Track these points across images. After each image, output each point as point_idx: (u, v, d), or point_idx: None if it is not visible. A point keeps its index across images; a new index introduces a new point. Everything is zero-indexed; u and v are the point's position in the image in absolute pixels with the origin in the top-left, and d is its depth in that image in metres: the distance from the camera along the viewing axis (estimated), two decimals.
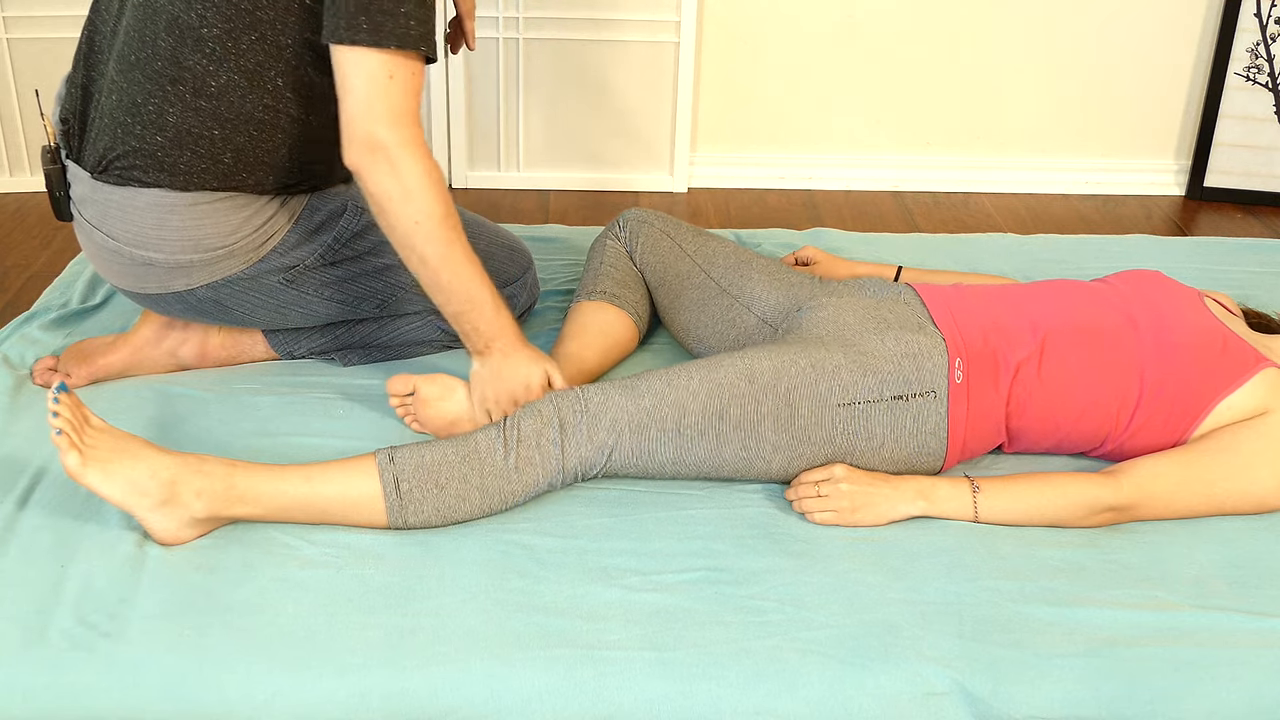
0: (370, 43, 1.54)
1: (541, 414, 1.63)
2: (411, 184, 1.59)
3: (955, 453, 1.70)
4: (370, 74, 1.56)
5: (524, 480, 1.61)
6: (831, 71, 3.15)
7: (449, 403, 1.78)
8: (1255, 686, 1.41)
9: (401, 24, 1.55)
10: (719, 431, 1.63)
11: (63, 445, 1.47)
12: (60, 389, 1.50)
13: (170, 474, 1.52)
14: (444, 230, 1.63)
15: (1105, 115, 3.23)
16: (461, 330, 1.72)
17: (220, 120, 1.68)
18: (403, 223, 1.62)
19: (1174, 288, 1.82)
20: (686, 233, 2.07)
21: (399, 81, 1.58)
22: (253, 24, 1.63)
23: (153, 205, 1.71)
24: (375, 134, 1.57)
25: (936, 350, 1.68)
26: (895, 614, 1.49)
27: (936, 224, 3.03)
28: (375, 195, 1.61)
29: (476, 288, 1.69)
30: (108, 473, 1.49)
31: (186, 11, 1.63)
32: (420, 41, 1.57)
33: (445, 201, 1.63)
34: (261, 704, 1.37)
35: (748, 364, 1.65)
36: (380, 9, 1.54)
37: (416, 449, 1.60)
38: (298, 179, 1.78)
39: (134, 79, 1.67)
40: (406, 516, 1.57)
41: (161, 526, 1.53)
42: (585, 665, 1.40)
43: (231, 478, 1.55)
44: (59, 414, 1.48)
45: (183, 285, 1.78)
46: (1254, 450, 1.66)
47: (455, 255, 1.66)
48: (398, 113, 1.58)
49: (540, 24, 3.00)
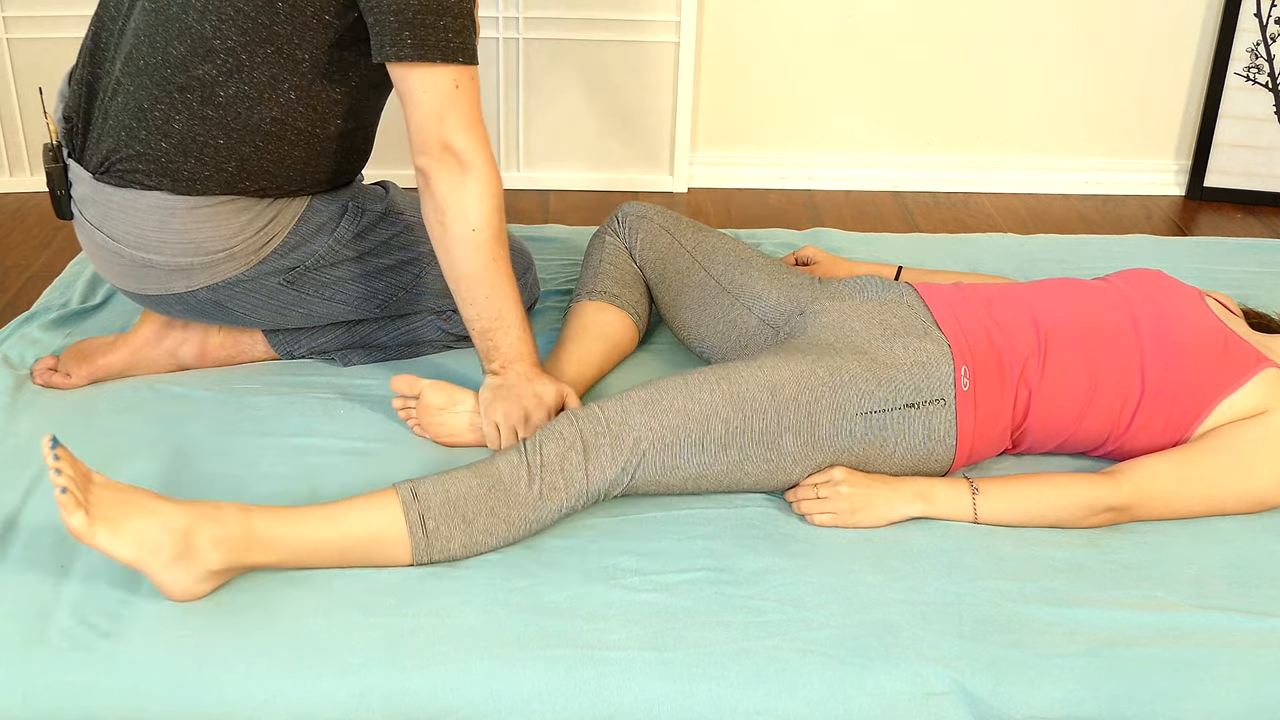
0: (416, 57, 1.57)
1: (564, 437, 1.59)
2: (478, 191, 1.63)
3: (962, 458, 1.69)
4: (436, 86, 1.59)
5: (549, 507, 1.57)
6: (831, 71, 3.15)
7: (452, 414, 1.78)
8: (1255, 686, 1.41)
9: (443, 36, 1.58)
10: (742, 445, 1.62)
11: (68, 505, 1.35)
12: (55, 444, 1.37)
13: (183, 525, 1.42)
14: (495, 245, 1.66)
15: (1105, 115, 3.23)
16: (483, 347, 1.73)
17: (226, 130, 1.68)
18: (458, 228, 1.64)
19: (1175, 287, 1.82)
20: (686, 228, 2.05)
21: (464, 90, 1.61)
22: (269, 38, 1.63)
23: (154, 208, 1.71)
24: (451, 140, 1.61)
25: (944, 358, 1.68)
26: (895, 614, 1.49)
27: (936, 224, 3.03)
28: (439, 196, 1.63)
29: (510, 308, 1.71)
30: (117, 530, 1.38)
31: (200, 22, 1.63)
32: (459, 52, 1.59)
33: (502, 218, 1.67)
34: (261, 704, 1.37)
35: (768, 375, 1.63)
36: (423, 24, 1.56)
37: (439, 482, 1.54)
38: (300, 186, 1.78)
39: (141, 83, 1.67)
40: (432, 554, 1.52)
41: (177, 583, 1.43)
42: (585, 665, 1.40)
43: (248, 523, 1.46)
44: (61, 470, 1.36)
45: (183, 287, 1.78)
46: (1254, 450, 1.66)
47: (500, 272, 1.68)
48: (470, 120, 1.62)
49: (540, 24, 3.00)
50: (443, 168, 1.62)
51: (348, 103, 1.73)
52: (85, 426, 1.81)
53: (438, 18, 1.57)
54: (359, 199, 1.86)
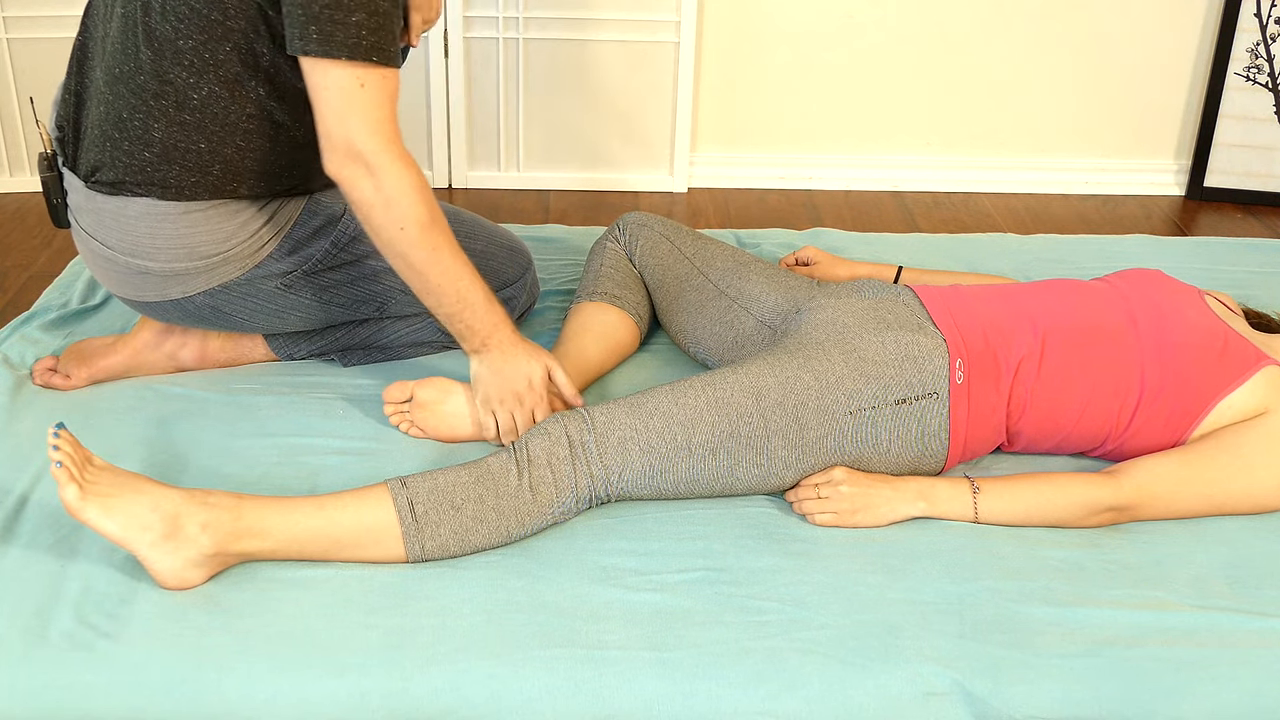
0: (320, 53, 1.52)
1: (549, 434, 1.61)
2: (393, 191, 1.58)
3: (956, 453, 1.70)
4: (340, 84, 1.55)
5: (539, 501, 1.58)
6: (831, 71, 3.15)
7: (447, 405, 1.78)
8: (1255, 686, 1.41)
9: (352, 33, 1.52)
10: (730, 450, 1.62)
11: (61, 478, 1.41)
12: (60, 426, 1.44)
13: (173, 507, 1.45)
14: (429, 235, 1.62)
15: (1105, 115, 3.23)
16: (456, 331, 1.72)
17: (205, 133, 1.66)
18: (387, 229, 1.61)
19: (1174, 286, 1.82)
20: (685, 236, 2.07)
21: (370, 90, 1.56)
22: (225, 34, 1.61)
23: (144, 214, 1.70)
24: (353, 143, 1.56)
25: (937, 351, 1.68)
26: (895, 614, 1.49)
27: (936, 224, 3.03)
28: (358, 203, 1.60)
29: (466, 286, 1.68)
30: (107, 507, 1.43)
31: (162, 23, 1.61)
32: (372, 51, 1.54)
33: (429, 205, 1.62)
34: (261, 704, 1.37)
35: (753, 381, 1.64)
36: (330, 19, 1.52)
37: (428, 474, 1.57)
38: (290, 185, 1.77)
39: (119, 93, 1.66)
40: (424, 542, 1.53)
41: (165, 566, 1.46)
42: (585, 665, 1.40)
43: (239, 509, 1.49)
44: (59, 448, 1.42)
45: (179, 293, 1.77)
46: (1254, 450, 1.66)
47: (443, 257, 1.64)
48: (373, 121, 1.56)
49: (540, 24, 3.00)
50: (352, 175, 1.58)
51: None
52: (85, 426, 1.81)
53: (348, 14, 1.52)
54: None
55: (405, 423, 1.81)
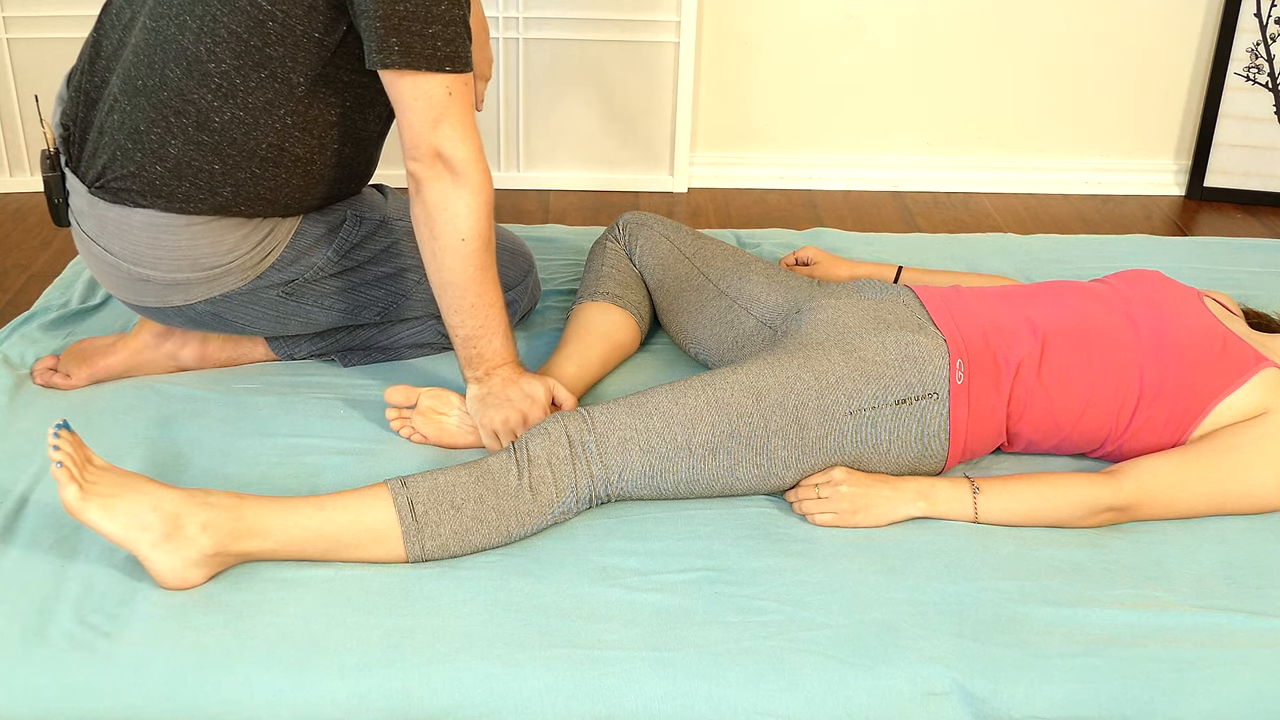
0: (403, 64, 1.55)
1: (549, 433, 1.61)
2: (469, 201, 1.62)
3: (956, 454, 1.70)
4: (428, 94, 1.58)
5: (539, 501, 1.58)
6: (831, 71, 3.15)
7: (449, 416, 1.79)
8: (1255, 686, 1.41)
9: (429, 44, 1.56)
10: (730, 450, 1.62)
11: (62, 478, 1.41)
12: (62, 426, 1.45)
13: (173, 507, 1.45)
14: (483, 254, 1.66)
15: (1105, 115, 3.23)
16: (465, 354, 1.72)
17: (222, 155, 1.66)
18: (448, 236, 1.63)
19: (1174, 287, 1.82)
20: (685, 235, 2.07)
21: (457, 98, 1.60)
22: (263, 61, 1.62)
23: (147, 224, 1.70)
24: (443, 149, 1.60)
25: (938, 351, 1.68)
26: (895, 614, 1.49)
27: (936, 224, 3.03)
28: (430, 204, 1.62)
29: (495, 315, 1.70)
30: (107, 508, 1.43)
31: (196, 45, 1.61)
32: (446, 61, 1.57)
33: (491, 227, 1.66)
34: (261, 704, 1.37)
35: (753, 380, 1.64)
36: (409, 30, 1.55)
37: (428, 474, 1.57)
38: (295, 210, 1.77)
39: (138, 104, 1.66)
40: (424, 542, 1.53)
41: (165, 566, 1.46)
42: (585, 665, 1.40)
43: (239, 509, 1.49)
44: (59, 448, 1.42)
45: (181, 300, 1.77)
46: (1254, 450, 1.66)
47: (486, 279, 1.67)
48: (463, 128, 1.60)
49: (540, 24, 3.00)
50: (434, 175, 1.61)
51: (344, 125, 1.72)
52: (85, 426, 1.81)
53: (425, 25, 1.55)
54: (357, 207, 1.85)
55: (406, 429, 1.81)
